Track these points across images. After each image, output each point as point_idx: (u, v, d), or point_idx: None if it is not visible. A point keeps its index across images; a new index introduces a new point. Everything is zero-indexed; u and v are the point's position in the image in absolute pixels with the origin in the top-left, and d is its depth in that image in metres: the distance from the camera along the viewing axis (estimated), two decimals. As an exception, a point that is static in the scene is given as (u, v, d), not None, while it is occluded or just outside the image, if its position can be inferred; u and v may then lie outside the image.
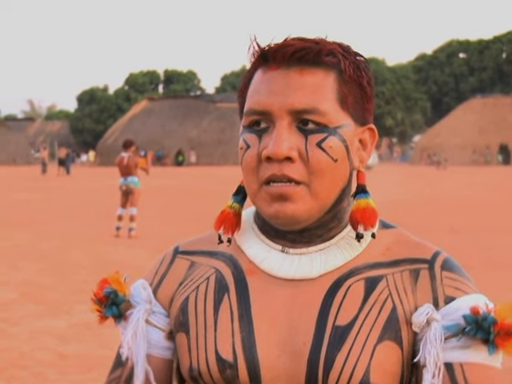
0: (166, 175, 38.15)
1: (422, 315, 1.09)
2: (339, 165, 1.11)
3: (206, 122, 64.47)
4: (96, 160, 65.73)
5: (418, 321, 1.09)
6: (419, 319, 1.09)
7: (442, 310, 1.11)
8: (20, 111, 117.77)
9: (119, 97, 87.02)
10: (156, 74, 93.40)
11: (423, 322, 1.09)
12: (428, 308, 1.10)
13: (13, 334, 6.53)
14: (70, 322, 6.95)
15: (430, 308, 1.10)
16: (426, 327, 1.09)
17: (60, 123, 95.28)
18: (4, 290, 8.48)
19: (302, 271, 1.14)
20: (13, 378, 5.28)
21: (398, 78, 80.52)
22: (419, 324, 1.09)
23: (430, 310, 1.09)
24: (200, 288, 1.20)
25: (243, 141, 1.14)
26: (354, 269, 1.14)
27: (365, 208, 1.13)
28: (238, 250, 1.21)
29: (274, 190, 1.09)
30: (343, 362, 1.08)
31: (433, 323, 1.09)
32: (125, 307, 1.22)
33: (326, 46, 1.11)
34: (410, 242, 1.18)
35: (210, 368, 1.13)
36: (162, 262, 1.27)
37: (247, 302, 1.15)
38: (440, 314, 1.10)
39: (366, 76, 1.14)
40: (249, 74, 1.17)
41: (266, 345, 1.12)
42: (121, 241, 13.01)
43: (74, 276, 9.32)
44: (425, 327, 1.09)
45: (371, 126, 1.18)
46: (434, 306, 1.11)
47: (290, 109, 1.09)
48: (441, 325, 1.09)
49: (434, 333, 1.08)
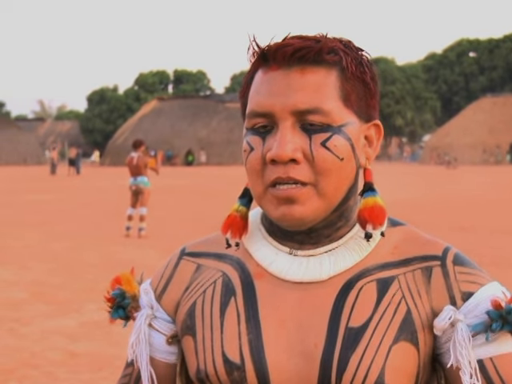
0: (175, 175, 38.19)
1: (444, 319, 1.08)
2: (345, 163, 1.10)
3: (216, 121, 64.49)
4: (100, 160, 65.87)
5: (440, 325, 1.08)
6: (442, 324, 1.08)
7: (462, 309, 1.09)
8: (30, 111, 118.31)
9: (129, 97, 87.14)
10: (166, 74, 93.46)
11: (446, 326, 1.08)
12: (450, 311, 1.08)
13: (24, 333, 6.56)
14: (81, 321, 6.97)
15: (452, 311, 1.09)
16: (449, 329, 1.09)
17: (70, 123, 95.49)
18: (15, 289, 8.51)
19: (310, 274, 1.13)
20: (24, 378, 5.30)
21: (408, 77, 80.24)
22: (442, 328, 1.08)
23: (452, 313, 1.08)
24: (207, 292, 1.19)
25: (247, 143, 1.12)
26: (364, 270, 1.13)
27: (373, 206, 1.11)
28: (245, 253, 1.19)
29: (280, 193, 1.08)
30: (357, 364, 1.07)
31: (457, 324, 1.08)
32: (133, 308, 1.23)
33: (326, 43, 1.09)
34: (419, 239, 1.17)
35: (217, 370, 1.12)
36: (167, 266, 1.26)
37: (254, 305, 1.14)
38: (462, 312, 1.09)
39: (369, 72, 1.13)
40: (249, 75, 1.15)
41: (274, 347, 1.11)
42: (131, 241, 13.03)
43: (84, 275, 9.35)
44: (448, 329, 1.09)
45: (376, 122, 1.16)
46: (452, 305, 1.10)
47: (293, 109, 1.07)
48: (465, 324, 1.08)
49: (461, 334, 1.07)
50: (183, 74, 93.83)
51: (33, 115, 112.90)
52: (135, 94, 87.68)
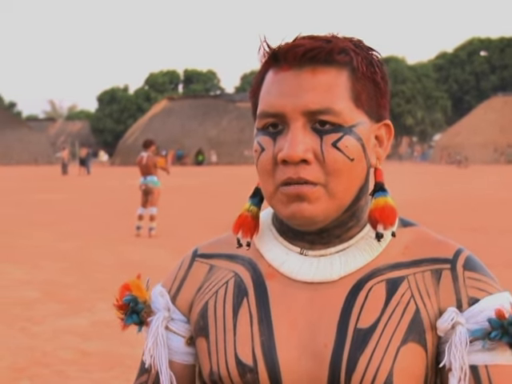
0: (186, 175, 38.23)
1: (447, 321, 1.08)
2: (356, 164, 1.09)
3: (226, 121, 64.53)
4: (110, 160, 66.02)
5: (443, 326, 1.09)
6: (444, 325, 1.08)
7: (465, 313, 1.09)
8: (41, 111, 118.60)
9: (139, 97, 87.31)
10: (176, 73, 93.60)
11: (448, 327, 1.08)
12: (453, 313, 1.09)
13: (36, 332, 6.59)
14: (92, 320, 7.00)
15: (454, 313, 1.09)
16: (450, 330, 1.09)
17: (81, 123, 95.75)
18: (27, 289, 8.55)
19: (321, 274, 1.13)
20: (36, 376, 5.33)
21: (419, 76, 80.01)
22: (444, 329, 1.09)
23: (455, 315, 1.08)
24: (219, 292, 1.19)
25: (258, 143, 1.12)
26: (374, 270, 1.13)
27: (383, 206, 1.11)
28: (256, 254, 1.19)
29: (290, 191, 1.08)
30: (366, 365, 1.07)
31: (457, 327, 1.08)
32: (146, 313, 1.22)
33: (337, 43, 1.09)
34: (430, 240, 1.17)
35: (230, 372, 1.12)
36: (180, 267, 1.26)
37: (266, 305, 1.14)
38: (464, 316, 1.09)
39: (379, 71, 1.12)
40: (260, 75, 1.15)
41: (285, 348, 1.11)
42: (141, 240, 13.07)
43: (96, 275, 9.38)
44: (449, 330, 1.09)
45: (387, 121, 1.16)
46: (458, 308, 1.10)
47: (304, 110, 1.07)
48: (465, 328, 1.08)
49: (459, 337, 1.07)
50: (193, 74, 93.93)
51: (44, 115, 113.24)
52: (145, 93, 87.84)
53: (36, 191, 26.66)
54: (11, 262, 10.43)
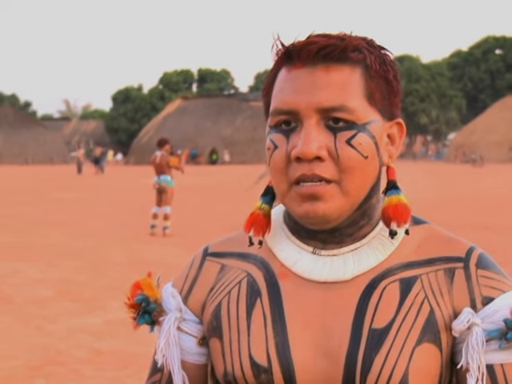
0: (199, 174, 38.29)
1: (462, 322, 1.08)
2: (369, 161, 1.09)
3: (240, 120, 64.58)
4: (124, 159, 66.21)
5: (458, 328, 1.09)
6: (459, 326, 1.08)
7: (480, 313, 1.10)
8: (56, 111, 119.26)
9: (153, 96, 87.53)
10: (190, 73, 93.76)
11: (464, 328, 1.08)
12: (468, 314, 1.09)
13: (50, 331, 6.62)
14: (106, 319, 7.02)
15: (470, 314, 1.09)
16: (466, 331, 1.09)
17: (95, 122, 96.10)
18: (42, 287, 8.59)
19: (334, 274, 1.13)
20: (51, 375, 5.36)
21: (433, 75, 79.69)
22: (460, 330, 1.09)
23: (471, 316, 1.08)
24: (232, 293, 1.19)
25: (270, 141, 1.12)
26: (387, 269, 1.13)
27: (397, 204, 1.11)
28: (269, 253, 1.19)
29: (304, 190, 1.08)
30: (381, 365, 1.07)
31: (474, 328, 1.08)
32: (158, 313, 1.22)
33: (351, 41, 1.09)
34: (443, 238, 1.16)
35: (245, 373, 1.12)
36: (191, 266, 1.26)
37: (280, 305, 1.14)
38: (479, 316, 1.09)
39: (391, 70, 1.12)
40: (273, 73, 1.15)
41: (300, 348, 1.11)
42: (155, 239, 13.10)
43: (109, 273, 9.42)
44: (465, 331, 1.09)
45: (399, 120, 1.16)
46: (472, 308, 1.10)
47: (318, 107, 1.07)
48: (481, 329, 1.08)
49: (475, 338, 1.07)
50: (207, 73, 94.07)
51: (58, 114, 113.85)
52: (160, 93, 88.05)
53: (51, 190, 26.79)
54: (26, 261, 10.49)
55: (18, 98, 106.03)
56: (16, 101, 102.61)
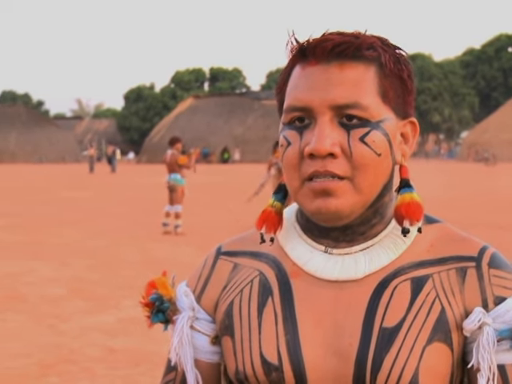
0: (211, 172, 38.34)
1: (473, 322, 1.08)
2: (382, 159, 1.09)
3: (252, 119, 64.61)
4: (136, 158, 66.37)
5: (469, 327, 1.08)
6: (471, 326, 1.08)
7: (492, 312, 1.09)
8: (69, 110, 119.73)
9: (165, 95, 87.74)
10: (202, 71, 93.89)
11: (475, 327, 1.08)
12: (479, 314, 1.08)
13: (63, 330, 6.65)
14: (118, 317, 7.04)
15: (481, 313, 1.08)
16: (477, 330, 1.08)
17: (107, 121, 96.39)
18: (55, 286, 8.63)
19: (346, 273, 1.13)
20: (63, 373, 5.38)
21: (446, 73, 79.44)
22: (471, 330, 1.08)
23: (482, 316, 1.08)
24: (244, 291, 1.19)
25: (284, 138, 1.12)
26: (399, 268, 1.12)
27: (409, 202, 1.11)
28: (281, 252, 1.19)
29: (316, 186, 1.08)
30: (391, 364, 1.07)
31: (485, 327, 1.08)
32: (172, 312, 1.23)
33: (365, 39, 1.10)
34: (455, 237, 1.16)
35: (256, 371, 1.13)
36: (204, 265, 1.27)
37: (291, 304, 1.14)
38: (491, 316, 1.09)
39: (405, 69, 1.12)
40: (287, 70, 1.15)
41: (310, 346, 1.11)
42: (168, 237, 13.13)
43: (122, 272, 9.45)
44: (476, 330, 1.09)
45: (412, 119, 1.16)
46: (484, 308, 1.09)
47: (332, 104, 1.07)
48: (493, 328, 1.08)
49: (486, 337, 1.07)
50: (219, 72, 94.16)
51: (71, 114, 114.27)
52: (171, 91, 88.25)
53: (64, 189, 26.89)
54: (39, 260, 10.53)
55: (31, 98, 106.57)
56: (29, 100, 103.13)
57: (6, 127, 67.49)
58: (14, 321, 6.95)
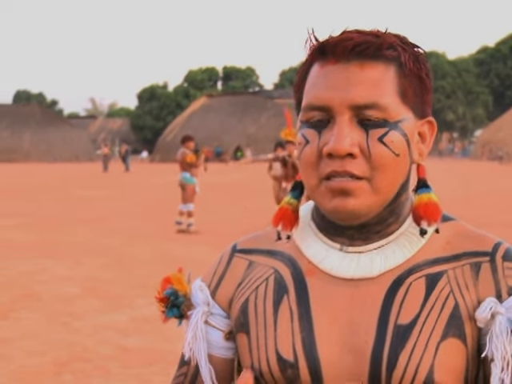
0: (225, 171, 38.38)
1: (485, 311, 1.08)
2: (401, 159, 1.09)
3: (265, 118, 64.63)
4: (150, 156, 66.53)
5: (481, 316, 1.08)
6: (483, 315, 1.08)
7: (505, 303, 1.09)
8: (82, 109, 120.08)
9: (178, 94, 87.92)
10: (215, 70, 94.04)
11: (487, 317, 1.08)
12: (491, 302, 1.08)
13: (77, 328, 6.68)
14: (132, 316, 7.07)
15: (493, 302, 1.08)
16: (490, 321, 1.08)
17: (121, 120, 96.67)
18: (69, 284, 8.67)
19: (361, 271, 1.13)
20: (77, 371, 5.40)
21: (459, 71, 79.17)
22: (483, 319, 1.08)
23: (494, 304, 1.08)
24: (259, 289, 1.20)
25: (302, 136, 1.12)
26: (414, 266, 1.13)
27: (427, 203, 1.11)
28: (296, 250, 1.20)
29: (334, 185, 1.08)
30: (407, 361, 1.07)
31: (497, 317, 1.08)
32: (186, 307, 1.24)
33: (385, 39, 1.09)
34: (470, 234, 1.16)
35: (271, 368, 1.13)
36: (220, 262, 1.27)
37: (307, 302, 1.15)
38: (504, 306, 1.08)
39: (424, 68, 1.13)
40: (305, 68, 1.15)
41: (326, 344, 1.12)
42: (182, 236, 13.16)
43: (136, 271, 9.47)
44: (489, 321, 1.08)
45: (430, 118, 1.16)
46: (497, 298, 1.09)
47: (351, 104, 1.07)
48: (506, 318, 1.07)
49: (499, 327, 1.07)
50: (232, 71, 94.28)
51: (85, 113, 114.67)
52: (185, 90, 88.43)
53: (78, 188, 27.00)
54: (53, 258, 10.58)
55: (45, 97, 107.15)
56: (43, 99, 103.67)
57: (20, 126, 67.85)
58: (28, 319, 6.99)
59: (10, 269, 9.66)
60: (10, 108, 73.65)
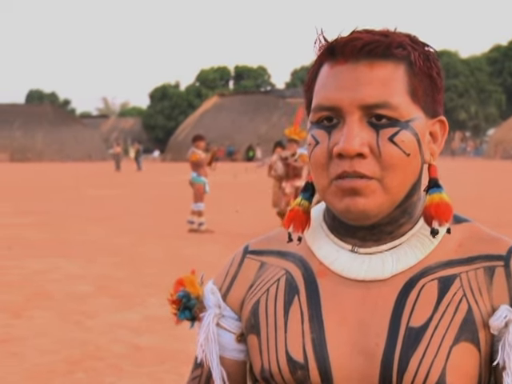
0: (236, 171, 38.38)
1: (499, 319, 1.07)
2: (411, 159, 1.09)
3: (276, 117, 64.56)
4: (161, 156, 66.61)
5: (495, 324, 1.08)
6: (497, 323, 1.07)
7: None
8: (94, 109, 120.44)
9: (190, 93, 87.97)
10: (226, 70, 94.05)
11: (501, 325, 1.07)
12: (506, 310, 1.07)
13: (90, 326, 6.70)
14: (144, 315, 7.08)
15: (507, 310, 1.07)
16: (504, 329, 1.07)
17: (133, 120, 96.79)
18: (81, 283, 8.70)
19: (372, 272, 1.13)
20: (90, 369, 5.42)
21: (472, 70, 78.80)
22: (497, 327, 1.08)
23: (508, 313, 1.07)
24: (270, 290, 1.20)
25: (312, 137, 1.12)
26: (426, 268, 1.12)
27: (439, 203, 1.10)
28: (308, 251, 1.19)
29: (345, 185, 1.07)
30: (418, 364, 1.06)
31: (511, 325, 1.07)
32: (199, 309, 1.24)
33: (395, 38, 1.09)
34: (484, 237, 1.15)
35: (281, 369, 1.13)
36: (231, 264, 1.27)
37: (317, 303, 1.14)
38: None
39: (435, 67, 1.12)
40: (314, 68, 1.15)
41: (336, 345, 1.11)
42: (194, 236, 13.18)
43: (148, 270, 9.50)
44: (503, 329, 1.08)
45: (441, 117, 1.15)
46: (511, 305, 1.08)
47: (361, 104, 1.07)
48: None
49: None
50: (244, 70, 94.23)
51: (97, 112, 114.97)
52: (196, 90, 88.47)
53: (90, 187, 27.08)
54: (66, 257, 10.63)
55: (58, 96, 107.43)
56: (56, 99, 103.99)
57: (33, 126, 68.13)
58: (41, 317, 7.03)
59: (23, 267, 9.71)
60: (23, 108, 74.02)
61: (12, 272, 9.39)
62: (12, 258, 10.58)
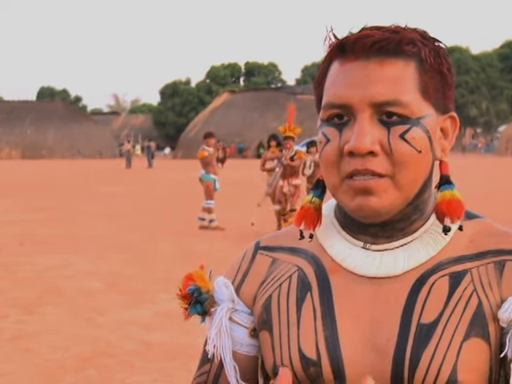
0: (247, 167, 38.37)
1: (507, 310, 1.07)
2: (423, 156, 1.08)
3: (287, 113, 64.52)
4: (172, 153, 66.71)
5: (504, 316, 1.07)
6: (505, 315, 1.07)
7: None
8: (105, 105, 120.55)
9: (201, 90, 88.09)
10: (237, 66, 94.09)
11: (510, 316, 1.07)
12: None
13: (101, 323, 6.72)
14: (154, 311, 7.10)
15: None
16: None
17: (143, 117, 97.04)
18: (92, 279, 8.73)
19: (384, 269, 1.12)
20: (101, 366, 5.44)
21: (483, 66, 78.47)
22: (506, 319, 1.07)
23: None
24: (283, 286, 1.20)
25: (322, 134, 1.11)
26: (437, 264, 1.12)
27: (450, 199, 1.10)
28: (319, 248, 1.20)
29: (357, 184, 1.07)
30: (429, 360, 1.06)
31: None
32: (209, 304, 1.23)
33: (405, 35, 1.08)
34: (495, 232, 1.15)
35: (294, 366, 1.13)
36: (243, 259, 1.27)
37: (330, 300, 1.15)
38: None
39: (445, 63, 1.11)
40: (324, 66, 1.14)
41: (349, 342, 1.11)
42: (204, 232, 13.19)
43: (158, 266, 9.52)
44: (511, 321, 1.07)
45: (452, 113, 1.15)
46: None
47: (372, 101, 1.06)
48: None
49: None
50: (254, 67, 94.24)
51: (108, 109, 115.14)
52: (207, 86, 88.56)
53: (101, 184, 27.16)
54: (76, 253, 10.67)
55: (69, 93, 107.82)
56: (67, 96, 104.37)
57: (44, 123, 68.38)
58: (52, 314, 7.05)
59: (35, 264, 9.75)
60: (34, 104, 74.28)
61: (24, 269, 9.43)
62: (24, 254, 10.63)
